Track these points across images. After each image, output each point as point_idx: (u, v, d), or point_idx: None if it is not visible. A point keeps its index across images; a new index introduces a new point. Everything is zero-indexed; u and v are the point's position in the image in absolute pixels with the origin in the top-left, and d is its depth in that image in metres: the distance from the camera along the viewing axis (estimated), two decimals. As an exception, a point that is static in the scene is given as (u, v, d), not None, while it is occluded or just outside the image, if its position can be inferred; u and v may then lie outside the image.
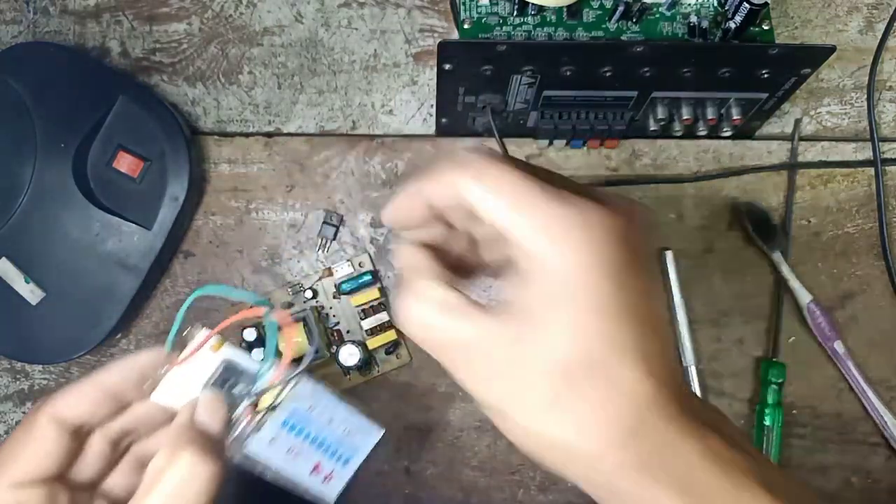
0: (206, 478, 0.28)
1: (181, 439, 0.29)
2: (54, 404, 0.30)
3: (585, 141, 0.45)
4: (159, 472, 0.28)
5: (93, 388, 0.31)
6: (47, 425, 0.30)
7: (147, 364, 0.32)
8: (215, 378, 0.32)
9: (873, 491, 0.44)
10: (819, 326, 0.44)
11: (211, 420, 0.30)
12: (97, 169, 0.43)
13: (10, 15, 0.48)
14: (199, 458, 0.28)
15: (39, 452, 0.30)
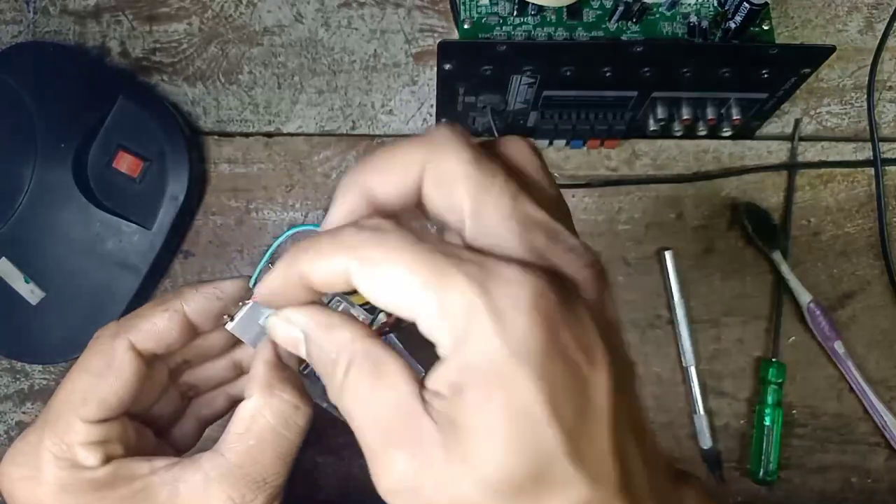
0: (303, 420, 0.27)
1: (274, 379, 0.27)
2: (134, 332, 0.28)
3: (585, 141, 0.45)
4: (256, 415, 0.26)
5: (173, 316, 0.28)
6: (128, 355, 0.28)
7: (230, 295, 0.29)
8: None
9: (873, 491, 0.44)
10: (819, 326, 0.44)
11: (290, 359, 0.28)
12: (97, 169, 0.43)
13: (10, 15, 0.48)
14: (297, 401, 0.27)
15: (121, 386, 0.27)
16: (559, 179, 0.47)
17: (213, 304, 0.29)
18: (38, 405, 0.45)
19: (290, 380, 0.27)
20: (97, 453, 0.27)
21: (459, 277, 0.19)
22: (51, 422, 0.27)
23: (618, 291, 0.46)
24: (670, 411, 0.45)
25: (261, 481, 0.26)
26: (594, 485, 0.19)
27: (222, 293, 0.29)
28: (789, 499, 0.44)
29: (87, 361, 0.28)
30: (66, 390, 0.28)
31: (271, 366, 0.27)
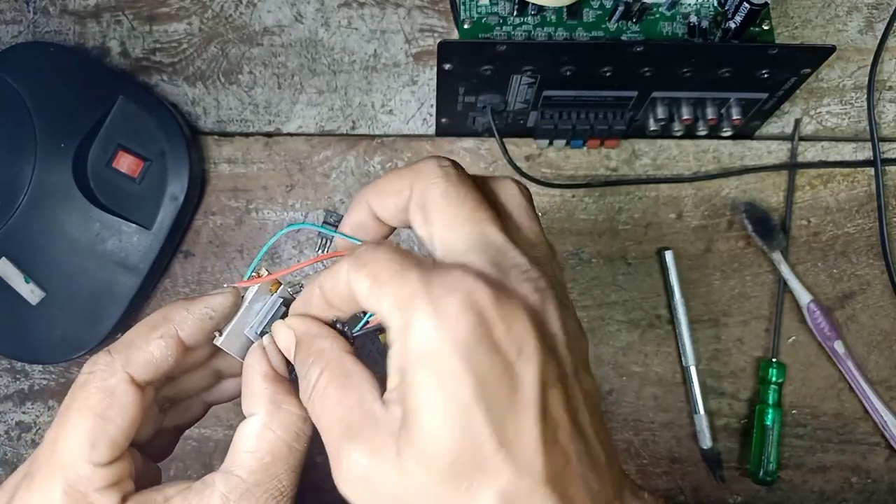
0: (310, 430, 0.27)
1: (279, 394, 0.27)
2: (132, 365, 0.27)
3: (585, 141, 0.45)
4: (265, 431, 0.26)
5: (169, 343, 0.28)
6: (128, 389, 0.27)
7: (222, 312, 0.29)
8: (272, 320, 0.29)
9: (873, 491, 0.44)
10: (819, 326, 0.44)
11: (281, 369, 0.28)
12: (97, 169, 0.43)
13: (10, 15, 0.48)
14: (302, 411, 0.27)
15: (128, 423, 0.27)
16: (559, 179, 0.47)
17: (206, 324, 0.29)
18: (37, 405, 0.45)
19: (291, 391, 0.27)
20: (114, 496, 0.26)
21: (411, 274, 0.22)
22: (54, 473, 0.26)
23: (618, 291, 0.46)
24: (670, 411, 0.45)
25: (279, 495, 0.26)
26: (518, 472, 0.20)
27: (214, 311, 0.29)
28: (789, 499, 0.44)
29: (86, 400, 0.27)
30: (67, 436, 0.26)
31: (271, 379, 0.27)
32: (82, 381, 0.27)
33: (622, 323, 0.45)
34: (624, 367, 0.45)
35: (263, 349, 0.28)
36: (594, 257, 0.46)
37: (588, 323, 0.45)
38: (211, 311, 0.29)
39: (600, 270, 0.46)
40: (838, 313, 0.45)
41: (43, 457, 0.26)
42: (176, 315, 0.28)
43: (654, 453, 0.45)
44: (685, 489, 0.45)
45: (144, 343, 0.28)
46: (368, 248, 0.23)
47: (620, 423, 0.45)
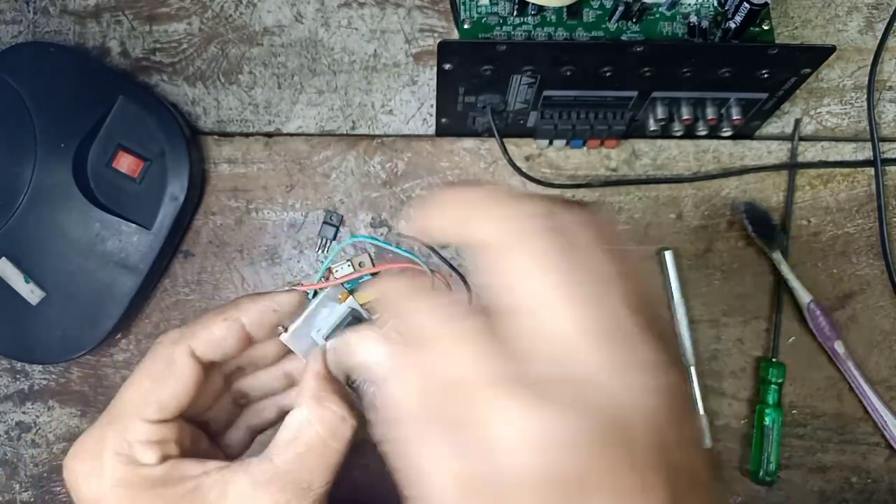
0: (350, 432, 0.28)
1: (324, 391, 0.29)
2: (194, 340, 0.30)
3: (585, 141, 0.45)
4: (305, 424, 0.28)
5: (231, 326, 0.30)
6: (187, 361, 0.29)
7: (286, 308, 0.31)
8: (337, 327, 0.31)
9: (873, 491, 0.44)
10: (819, 326, 0.44)
11: (339, 371, 0.30)
12: (97, 169, 0.43)
13: (10, 15, 0.48)
14: (344, 413, 0.28)
15: (179, 390, 0.29)
16: (559, 179, 0.47)
17: (269, 316, 0.31)
18: (37, 405, 0.45)
19: (338, 392, 0.29)
20: (155, 452, 0.28)
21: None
22: (113, 420, 0.29)
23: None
24: (670, 411, 0.45)
25: (306, 488, 0.27)
26: None
27: (278, 306, 0.31)
28: (789, 499, 0.44)
29: (149, 365, 0.30)
30: (129, 391, 0.30)
31: (321, 378, 0.29)
32: (151, 348, 0.31)
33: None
34: (624, 367, 0.45)
35: (324, 352, 0.30)
36: (594, 257, 0.46)
37: (588, 323, 0.45)
38: (275, 305, 0.31)
39: (600, 270, 0.46)
40: (838, 313, 0.45)
41: (109, 408, 0.30)
42: (242, 302, 0.31)
43: (654, 453, 0.45)
44: (685, 489, 0.45)
45: (210, 323, 0.30)
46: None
47: (620, 423, 0.45)
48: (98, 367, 0.45)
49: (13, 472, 0.45)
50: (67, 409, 0.45)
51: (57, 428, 0.45)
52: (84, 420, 0.45)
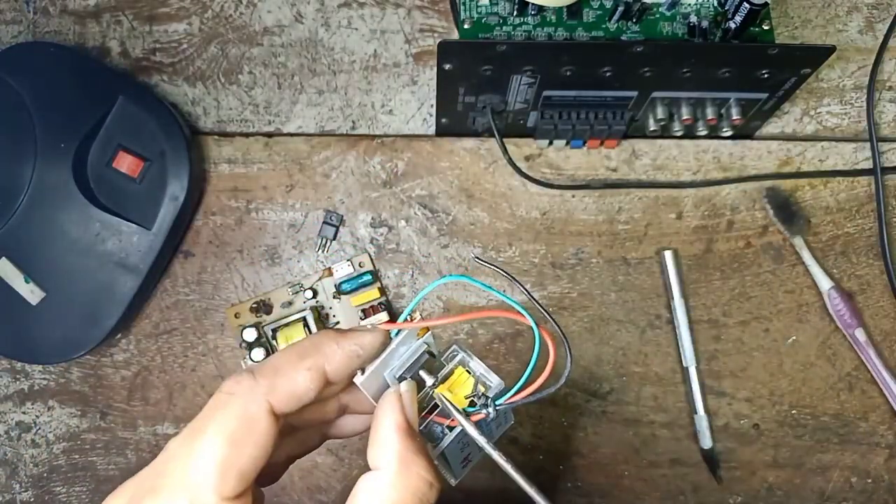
0: (435, 498, 0.25)
1: (408, 451, 0.25)
2: (275, 394, 0.25)
3: (585, 141, 0.45)
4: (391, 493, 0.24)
5: (315, 377, 0.26)
6: (268, 420, 0.25)
7: (371, 352, 0.27)
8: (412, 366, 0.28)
9: (873, 491, 0.44)
10: (839, 313, 0.44)
11: (415, 420, 0.27)
12: (97, 169, 0.43)
13: (10, 15, 0.48)
14: (431, 478, 0.25)
15: (261, 454, 0.25)
16: (559, 179, 0.47)
17: (353, 361, 0.27)
18: (37, 405, 0.45)
19: (423, 451, 0.26)
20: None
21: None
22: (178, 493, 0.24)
23: (618, 291, 0.46)
24: (670, 411, 0.45)
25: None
26: None
27: (363, 350, 0.27)
28: (789, 499, 0.44)
29: (224, 424, 0.24)
30: (202, 456, 0.24)
31: (404, 432, 0.26)
32: (222, 401, 0.25)
33: (622, 323, 0.45)
34: (624, 367, 0.45)
35: (400, 396, 0.27)
36: (594, 257, 0.46)
37: (588, 323, 0.45)
38: (360, 350, 0.27)
39: (600, 270, 0.46)
40: (838, 313, 0.45)
41: (171, 473, 0.24)
42: (326, 347, 0.27)
43: (654, 453, 0.45)
44: (685, 489, 0.45)
45: (293, 372, 0.26)
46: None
47: (620, 423, 0.45)
48: (98, 367, 0.45)
49: (13, 472, 0.45)
50: (67, 409, 0.45)
51: (57, 428, 0.45)
52: (84, 420, 0.45)
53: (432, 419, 0.28)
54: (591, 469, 0.45)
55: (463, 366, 0.29)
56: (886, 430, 0.45)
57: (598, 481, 0.45)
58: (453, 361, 0.29)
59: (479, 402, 0.27)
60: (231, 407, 0.25)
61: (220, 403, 0.25)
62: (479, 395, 0.28)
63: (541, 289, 0.46)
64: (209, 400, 0.25)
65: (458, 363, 0.29)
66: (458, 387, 0.28)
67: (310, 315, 0.44)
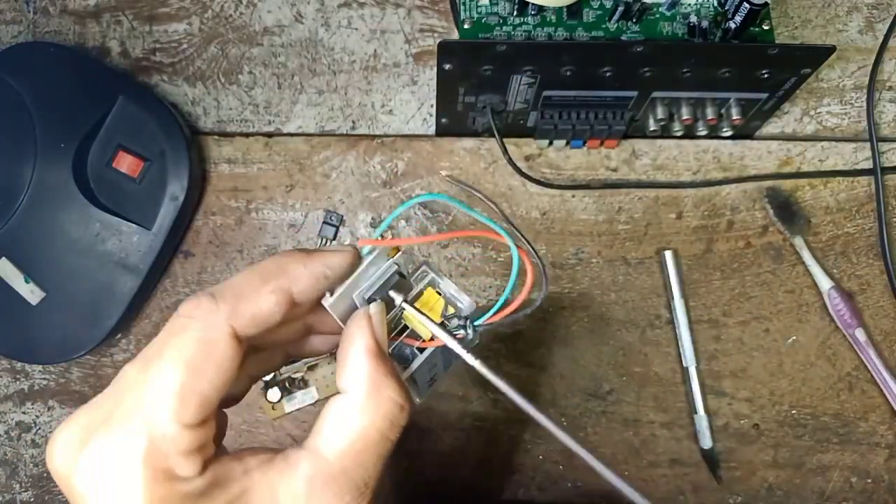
0: (405, 421, 0.25)
1: (379, 374, 0.24)
2: (238, 318, 0.24)
3: (585, 141, 0.45)
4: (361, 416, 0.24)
5: (280, 300, 0.25)
6: (230, 344, 0.24)
7: (339, 272, 0.26)
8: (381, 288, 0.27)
9: (873, 491, 0.44)
10: (840, 313, 0.44)
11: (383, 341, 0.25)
12: (97, 169, 0.43)
13: (10, 15, 0.48)
14: (402, 400, 0.24)
15: (223, 380, 0.23)
16: (559, 179, 0.47)
17: (321, 283, 0.26)
18: (37, 405, 0.45)
19: (393, 374, 0.25)
20: (196, 461, 0.23)
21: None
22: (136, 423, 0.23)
23: (618, 291, 0.46)
24: (670, 411, 0.45)
25: (363, 486, 0.24)
26: None
27: (331, 271, 0.26)
28: (789, 499, 0.44)
29: (182, 349, 0.23)
30: (157, 385, 0.23)
31: (374, 356, 0.25)
32: (180, 325, 0.24)
33: (622, 323, 0.45)
34: (624, 367, 0.45)
35: (369, 318, 0.25)
36: (594, 257, 0.46)
37: (588, 323, 0.45)
38: (328, 271, 0.26)
39: (600, 270, 0.46)
40: (838, 313, 0.45)
41: (127, 401, 0.23)
42: (292, 269, 0.25)
43: (654, 453, 0.45)
44: (685, 489, 0.45)
45: (254, 295, 0.24)
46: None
47: (620, 423, 0.45)
48: (98, 367, 0.45)
49: (13, 472, 0.45)
50: (67, 409, 0.45)
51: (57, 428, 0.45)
52: (84, 420, 0.45)
53: (402, 341, 0.27)
54: (591, 469, 0.44)
55: (433, 286, 0.28)
56: (886, 430, 0.45)
57: (598, 481, 0.44)
58: (423, 282, 0.27)
59: (455, 323, 0.27)
60: (190, 331, 0.23)
61: (178, 328, 0.24)
62: (458, 315, 0.27)
63: (541, 289, 0.45)
64: (167, 323, 0.24)
65: (427, 283, 0.27)
66: (428, 308, 0.27)
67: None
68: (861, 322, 0.44)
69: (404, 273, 0.27)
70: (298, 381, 0.44)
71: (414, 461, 0.44)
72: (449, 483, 0.44)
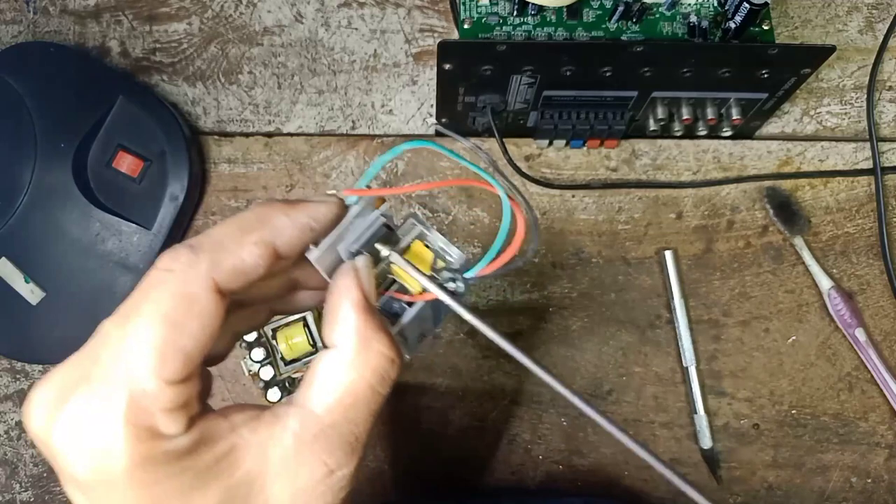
0: (396, 374, 0.24)
1: (369, 329, 0.24)
2: (220, 271, 0.23)
3: (585, 141, 0.45)
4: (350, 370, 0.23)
5: (263, 252, 0.24)
6: (212, 298, 0.23)
7: (325, 224, 0.25)
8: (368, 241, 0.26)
9: (873, 491, 0.44)
10: (839, 313, 0.44)
11: (371, 294, 0.25)
12: (97, 169, 0.43)
13: (10, 15, 0.48)
14: (392, 353, 0.24)
15: (206, 335, 0.22)
16: (559, 179, 0.47)
17: (306, 235, 0.25)
18: (38, 405, 0.45)
19: (382, 328, 0.24)
20: (181, 418, 0.22)
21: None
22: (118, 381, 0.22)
23: (618, 291, 0.46)
24: (670, 411, 0.45)
25: (354, 442, 0.24)
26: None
27: (316, 223, 0.25)
28: (789, 499, 0.44)
29: (161, 303, 0.22)
30: (137, 341, 0.22)
31: (363, 310, 0.24)
32: (159, 278, 0.23)
33: (622, 323, 0.45)
34: (624, 367, 0.45)
35: (356, 271, 0.25)
36: (594, 257, 0.46)
37: (588, 323, 0.45)
38: (313, 222, 0.25)
39: (600, 270, 0.46)
40: (838, 313, 0.45)
41: (105, 359, 0.22)
42: (275, 220, 0.24)
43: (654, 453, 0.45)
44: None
45: (236, 247, 0.23)
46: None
47: (620, 423, 0.45)
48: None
49: (13, 472, 0.45)
50: (67, 409, 0.45)
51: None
52: (84, 420, 0.45)
53: (390, 295, 0.26)
54: (591, 469, 0.45)
55: (421, 239, 0.27)
56: (886, 430, 0.45)
57: (598, 481, 0.44)
58: (410, 234, 0.27)
59: (445, 276, 0.26)
60: (168, 284, 0.23)
61: (157, 281, 0.23)
62: (448, 269, 0.26)
63: (541, 289, 0.45)
64: (143, 277, 0.23)
65: (415, 236, 0.27)
66: (416, 262, 0.26)
67: (310, 315, 0.44)
68: (861, 322, 0.44)
69: (391, 225, 0.26)
70: (298, 381, 0.44)
71: (413, 461, 0.44)
72: (448, 483, 0.44)
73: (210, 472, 0.22)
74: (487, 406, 0.45)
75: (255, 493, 0.23)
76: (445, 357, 0.45)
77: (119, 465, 0.21)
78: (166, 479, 0.22)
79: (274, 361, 0.43)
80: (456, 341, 0.45)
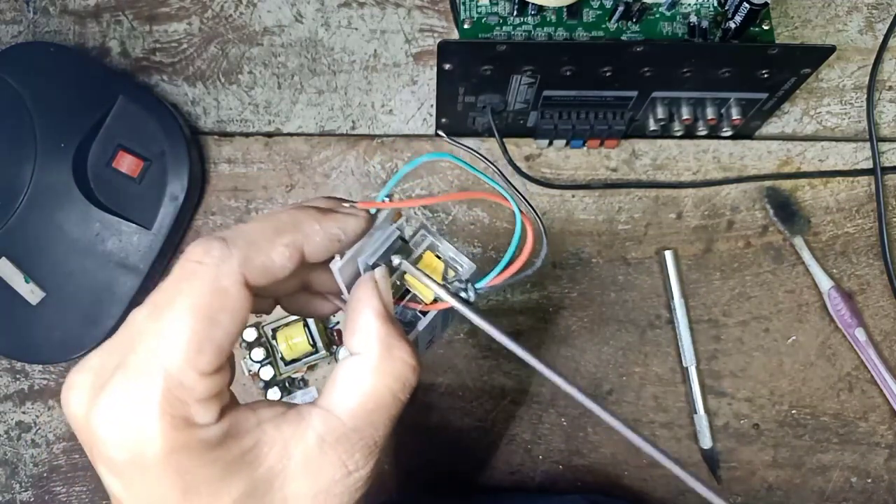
0: (416, 381, 0.25)
1: (392, 337, 0.25)
2: (250, 267, 0.24)
3: (585, 141, 0.45)
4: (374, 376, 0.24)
5: (293, 255, 0.25)
6: (242, 293, 0.23)
7: (352, 236, 0.26)
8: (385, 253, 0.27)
9: (873, 491, 0.44)
10: (840, 313, 0.44)
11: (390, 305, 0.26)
12: (97, 169, 0.43)
13: (10, 15, 0.48)
14: (413, 361, 0.25)
15: (236, 329, 0.23)
16: (559, 180, 0.47)
17: (333, 245, 0.26)
18: (37, 405, 0.45)
19: (403, 336, 0.25)
20: (214, 408, 0.23)
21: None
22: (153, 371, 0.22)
23: (618, 291, 0.46)
24: (670, 411, 0.45)
25: (373, 446, 0.25)
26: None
27: (345, 235, 0.26)
28: (789, 499, 0.44)
29: (195, 297, 0.23)
30: (171, 332, 0.23)
31: (384, 319, 0.25)
32: (190, 269, 0.23)
33: (622, 323, 0.45)
34: (624, 367, 0.45)
35: (376, 282, 0.26)
36: (594, 257, 0.46)
37: (588, 323, 0.45)
38: (342, 234, 0.26)
39: (600, 270, 0.46)
40: (838, 313, 0.45)
41: (140, 348, 0.23)
42: (307, 226, 0.25)
43: (654, 453, 0.45)
44: (685, 489, 0.45)
45: (268, 246, 0.24)
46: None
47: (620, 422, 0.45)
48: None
49: (13, 472, 0.45)
50: (67, 409, 0.45)
51: (57, 428, 0.45)
52: (84, 420, 0.45)
53: (404, 305, 0.27)
54: (591, 469, 0.45)
55: (432, 250, 0.28)
56: (886, 430, 0.45)
57: (598, 481, 0.45)
58: (422, 246, 0.28)
59: (456, 286, 0.27)
60: (201, 277, 0.23)
61: (189, 273, 0.23)
62: (459, 279, 0.27)
63: (541, 289, 0.45)
64: (174, 267, 0.23)
65: (427, 247, 0.28)
66: (428, 272, 0.27)
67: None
68: (861, 322, 0.44)
69: (405, 237, 0.27)
70: (298, 381, 0.44)
71: (413, 461, 0.44)
72: (448, 482, 0.44)
73: (236, 465, 0.23)
74: (487, 406, 0.45)
75: (276, 489, 0.23)
76: (445, 357, 0.45)
77: (154, 451, 0.22)
78: (197, 469, 0.22)
79: (274, 361, 0.43)
80: (456, 341, 0.45)
